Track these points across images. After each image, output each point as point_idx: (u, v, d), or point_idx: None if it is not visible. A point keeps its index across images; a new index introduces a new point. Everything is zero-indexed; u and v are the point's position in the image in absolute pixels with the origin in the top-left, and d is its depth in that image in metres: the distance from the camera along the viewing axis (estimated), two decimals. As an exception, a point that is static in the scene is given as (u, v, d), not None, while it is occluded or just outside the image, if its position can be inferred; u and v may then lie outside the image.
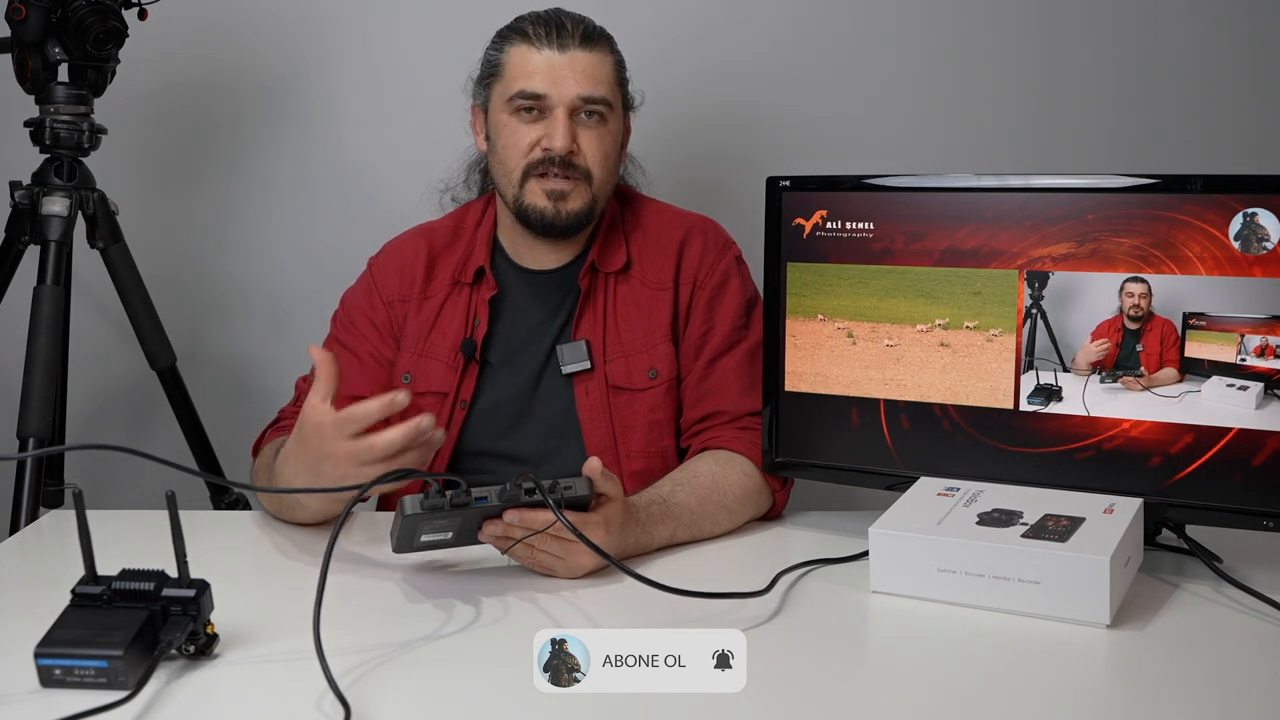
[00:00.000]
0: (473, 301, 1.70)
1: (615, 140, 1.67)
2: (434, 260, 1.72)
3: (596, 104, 1.62)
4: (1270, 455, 1.30)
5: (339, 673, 1.08)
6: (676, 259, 1.69)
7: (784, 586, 1.33)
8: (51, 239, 1.96)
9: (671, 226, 1.72)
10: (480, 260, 1.70)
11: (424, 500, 1.26)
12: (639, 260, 1.70)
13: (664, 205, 1.78)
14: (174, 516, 1.12)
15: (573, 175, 1.62)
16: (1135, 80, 2.28)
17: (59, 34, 1.92)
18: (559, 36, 1.62)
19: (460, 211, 1.79)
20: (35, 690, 1.08)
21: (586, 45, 1.62)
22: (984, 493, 1.38)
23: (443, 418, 1.66)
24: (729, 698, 1.08)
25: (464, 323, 1.69)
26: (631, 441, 1.65)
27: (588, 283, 1.68)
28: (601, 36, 1.66)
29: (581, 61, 1.61)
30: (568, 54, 1.61)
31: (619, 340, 1.67)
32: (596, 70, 1.62)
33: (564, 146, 1.60)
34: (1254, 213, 1.29)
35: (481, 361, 1.68)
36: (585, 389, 1.66)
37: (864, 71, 2.29)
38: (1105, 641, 1.20)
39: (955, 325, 1.45)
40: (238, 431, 1.86)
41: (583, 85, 1.61)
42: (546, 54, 1.61)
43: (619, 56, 1.68)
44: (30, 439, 1.87)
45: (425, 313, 1.70)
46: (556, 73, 1.60)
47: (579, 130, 1.62)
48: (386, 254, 1.77)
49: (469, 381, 1.68)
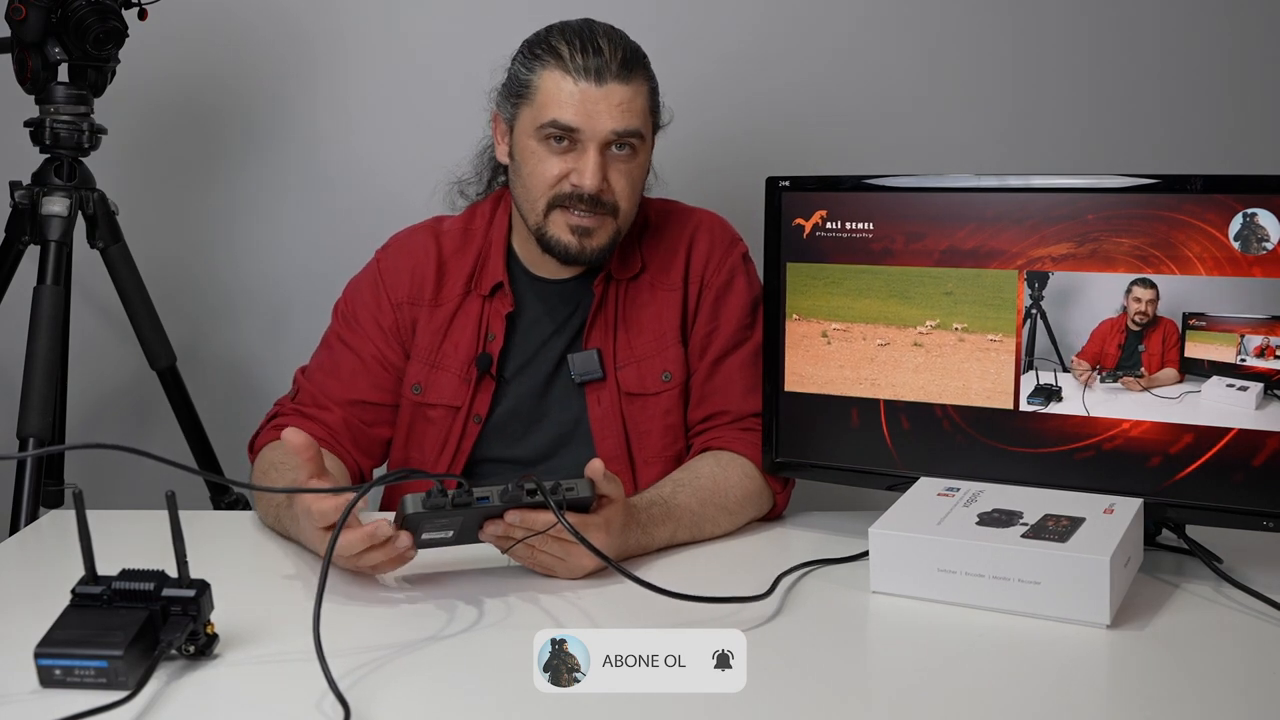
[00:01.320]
0: (486, 313, 1.66)
1: (644, 170, 1.63)
2: (444, 265, 1.68)
3: (629, 137, 1.56)
4: (1270, 455, 1.30)
5: (339, 673, 1.08)
6: (685, 257, 1.67)
7: (784, 587, 1.33)
8: (51, 239, 1.95)
9: (678, 224, 1.70)
10: (498, 274, 1.66)
11: (425, 499, 1.26)
12: (651, 263, 1.68)
13: (669, 202, 1.76)
14: (174, 516, 1.12)
15: (600, 211, 1.57)
16: (1135, 80, 2.28)
17: (59, 34, 1.91)
18: (595, 67, 1.53)
19: (469, 212, 1.74)
20: (35, 690, 1.08)
21: (624, 76, 1.54)
22: (984, 493, 1.38)
23: (455, 431, 1.65)
24: (729, 698, 1.08)
25: (476, 334, 1.65)
26: (648, 447, 1.64)
27: (601, 290, 1.65)
28: (638, 62, 1.58)
29: (618, 95, 1.54)
30: (604, 87, 1.53)
31: (630, 347, 1.65)
32: (633, 104, 1.55)
33: (594, 186, 1.54)
34: (1254, 213, 1.29)
35: (497, 376, 1.65)
36: (597, 397, 1.65)
37: (864, 71, 2.29)
38: (1105, 641, 1.20)
39: (954, 326, 1.45)
40: (238, 431, 1.86)
41: (618, 121, 1.54)
42: (583, 86, 1.53)
43: (654, 83, 1.61)
44: (30, 439, 1.87)
45: (437, 321, 1.66)
46: (592, 107, 1.53)
47: (609, 166, 1.56)
48: (395, 249, 1.72)
49: (483, 396, 1.65)
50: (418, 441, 1.67)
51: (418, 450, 1.67)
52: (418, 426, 1.67)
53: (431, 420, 1.66)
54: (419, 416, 1.67)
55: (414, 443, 1.67)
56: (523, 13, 1.74)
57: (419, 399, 1.66)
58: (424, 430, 1.66)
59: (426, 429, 1.66)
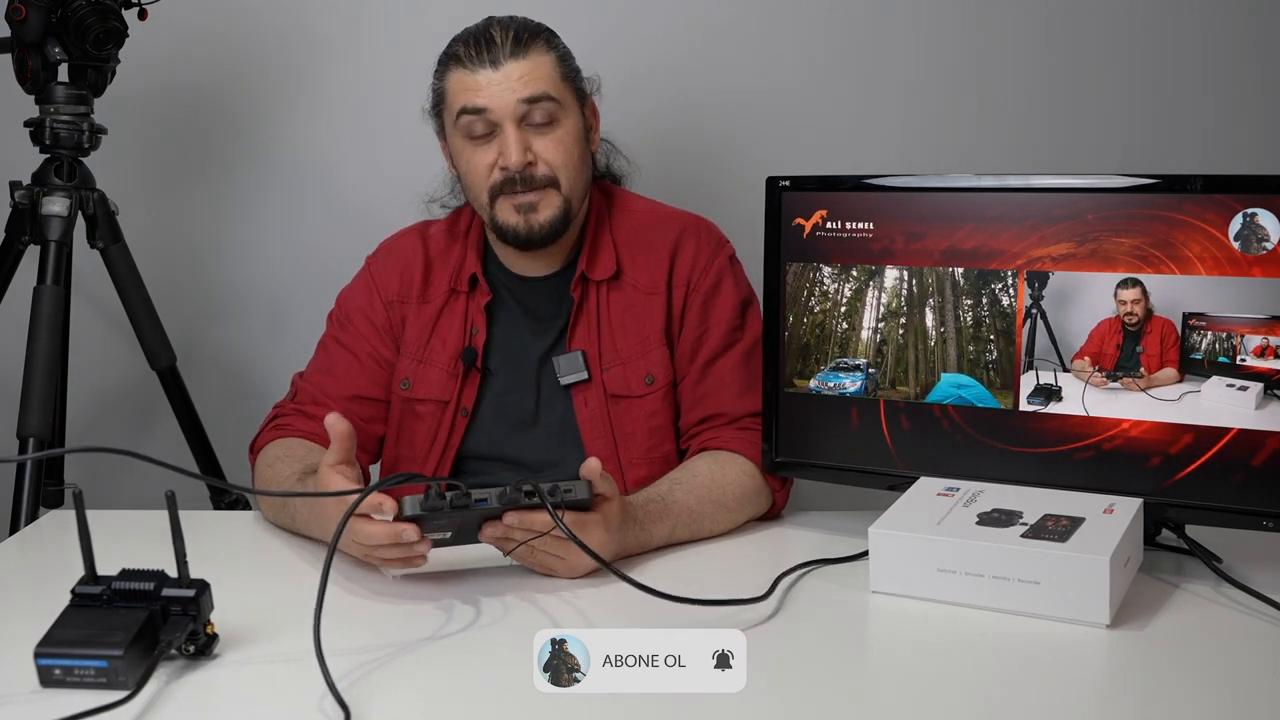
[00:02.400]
0: (469, 309, 1.69)
1: (575, 137, 1.64)
2: (430, 264, 1.72)
3: (539, 101, 1.58)
4: (1270, 455, 1.30)
5: (339, 674, 1.08)
6: (669, 262, 1.68)
7: (784, 587, 1.33)
8: (51, 239, 1.96)
9: (663, 228, 1.70)
10: (473, 267, 1.70)
11: (424, 501, 1.26)
12: (630, 265, 1.68)
13: (654, 204, 1.76)
14: (174, 516, 1.12)
15: (536, 186, 1.60)
16: (1135, 80, 2.28)
17: (59, 34, 1.91)
18: (489, 52, 1.58)
19: (455, 214, 1.77)
20: (35, 690, 1.08)
21: (518, 53, 1.58)
22: (984, 493, 1.38)
23: (444, 425, 1.67)
24: (729, 698, 1.08)
25: (462, 330, 1.68)
26: (633, 449, 1.65)
27: (580, 293, 1.67)
28: (534, 36, 1.61)
29: (517, 71, 1.58)
30: (501, 69, 1.58)
31: (614, 349, 1.66)
32: (534, 73, 1.58)
33: (518, 161, 1.58)
34: (1254, 213, 1.29)
35: (482, 370, 1.68)
36: (584, 399, 1.66)
37: (865, 71, 2.29)
38: (1105, 641, 1.20)
39: (955, 325, 1.45)
40: (238, 431, 1.86)
41: (519, 90, 1.57)
42: (483, 75, 1.58)
43: (560, 50, 1.64)
44: (30, 439, 1.87)
45: (424, 317, 1.70)
46: (493, 89, 1.57)
47: (532, 139, 1.59)
48: (384, 252, 1.76)
49: (470, 389, 1.67)
50: (408, 438, 1.69)
51: (407, 446, 1.69)
52: (407, 422, 1.69)
53: (420, 416, 1.68)
54: (408, 412, 1.69)
55: (404, 439, 1.69)
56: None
57: (408, 394, 1.68)
58: (413, 426, 1.68)
59: (416, 425, 1.68)
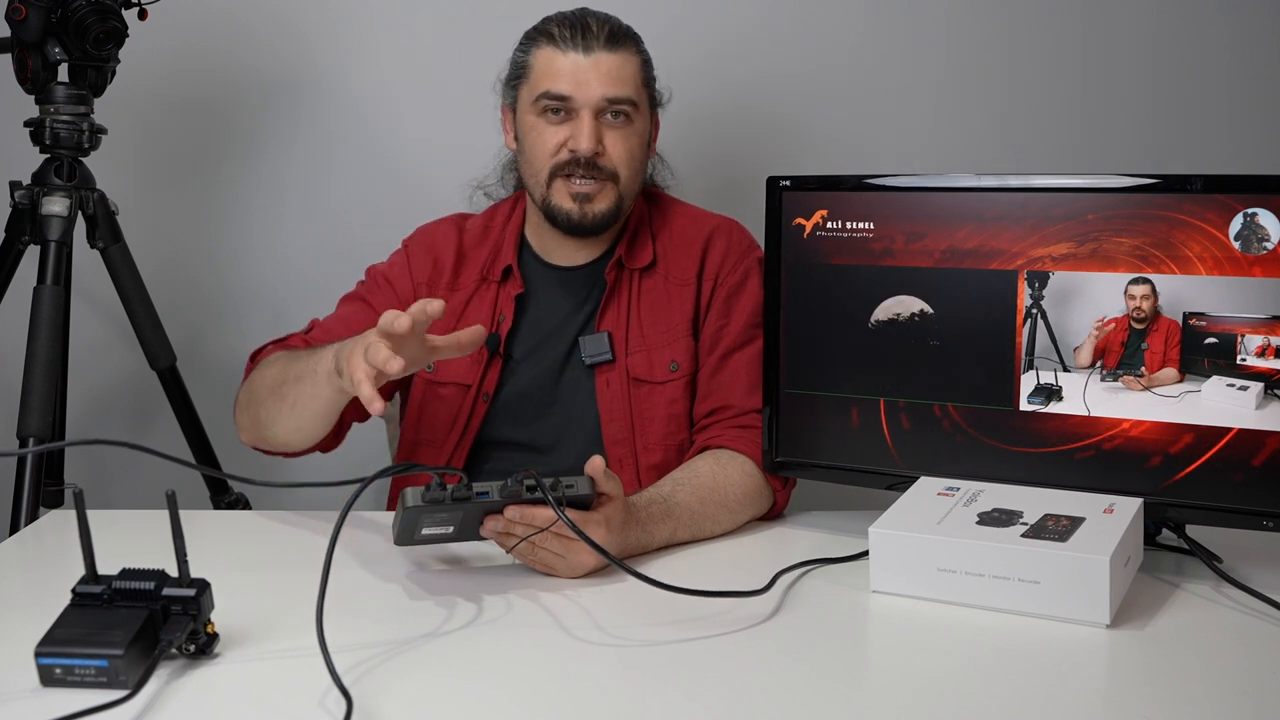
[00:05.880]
0: (499, 298, 1.72)
1: (641, 140, 1.69)
2: (463, 255, 1.75)
3: (621, 104, 1.63)
4: (1270, 455, 1.30)
5: (340, 669, 1.08)
6: (700, 257, 1.72)
7: (784, 586, 1.34)
8: (51, 239, 1.95)
9: (697, 226, 1.75)
10: (508, 258, 1.73)
11: (425, 493, 1.26)
12: (664, 258, 1.72)
13: (691, 207, 1.81)
14: (174, 516, 1.12)
15: (598, 176, 1.64)
16: (1135, 80, 2.28)
17: (59, 34, 1.91)
18: (584, 38, 1.63)
19: (491, 210, 1.81)
20: (35, 689, 1.08)
21: (611, 46, 1.63)
22: (984, 493, 1.38)
23: (465, 409, 1.70)
24: (729, 697, 1.08)
25: (489, 318, 1.71)
26: (650, 434, 1.67)
27: (614, 277, 1.70)
28: (627, 36, 1.67)
29: (606, 63, 1.62)
30: (592, 56, 1.62)
31: (641, 334, 1.69)
32: (621, 71, 1.63)
33: (589, 149, 1.62)
34: (1254, 213, 1.29)
35: (505, 355, 1.71)
36: (606, 380, 1.68)
37: (865, 71, 2.29)
38: (1105, 641, 1.20)
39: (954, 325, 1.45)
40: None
41: (607, 87, 1.62)
42: (572, 57, 1.62)
43: (645, 56, 1.69)
44: (30, 439, 1.87)
45: (452, 304, 1.72)
46: (581, 75, 1.62)
47: (605, 131, 1.64)
48: (421, 234, 1.80)
49: (492, 374, 1.70)
50: (429, 419, 1.72)
51: (429, 428, 1.72)
52: (429, 404, 1.72)
53: (443, 399, 1.71)
54: (431, 394, 1.72)
55: (425, 421, 1.72)
56: (525, 14, 1.74)
57: (431, 377, 1.72)
58: (435, 408, 1.72)
59: (439, 407, 1.71)
